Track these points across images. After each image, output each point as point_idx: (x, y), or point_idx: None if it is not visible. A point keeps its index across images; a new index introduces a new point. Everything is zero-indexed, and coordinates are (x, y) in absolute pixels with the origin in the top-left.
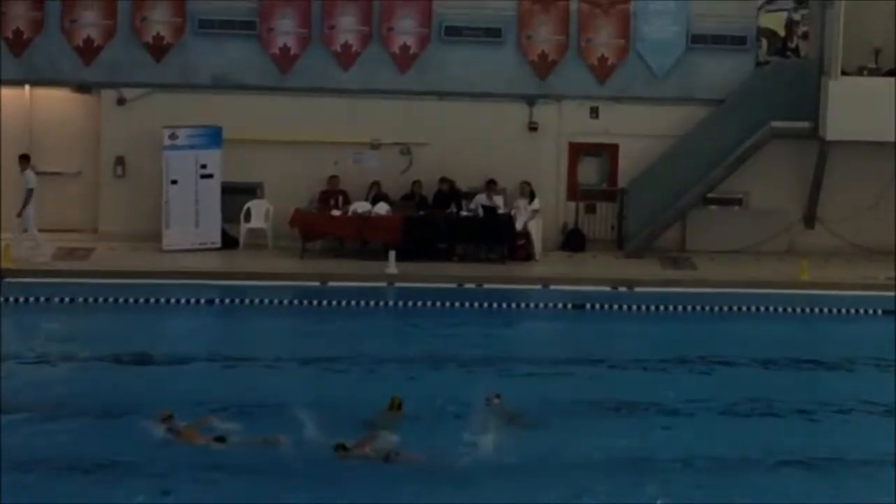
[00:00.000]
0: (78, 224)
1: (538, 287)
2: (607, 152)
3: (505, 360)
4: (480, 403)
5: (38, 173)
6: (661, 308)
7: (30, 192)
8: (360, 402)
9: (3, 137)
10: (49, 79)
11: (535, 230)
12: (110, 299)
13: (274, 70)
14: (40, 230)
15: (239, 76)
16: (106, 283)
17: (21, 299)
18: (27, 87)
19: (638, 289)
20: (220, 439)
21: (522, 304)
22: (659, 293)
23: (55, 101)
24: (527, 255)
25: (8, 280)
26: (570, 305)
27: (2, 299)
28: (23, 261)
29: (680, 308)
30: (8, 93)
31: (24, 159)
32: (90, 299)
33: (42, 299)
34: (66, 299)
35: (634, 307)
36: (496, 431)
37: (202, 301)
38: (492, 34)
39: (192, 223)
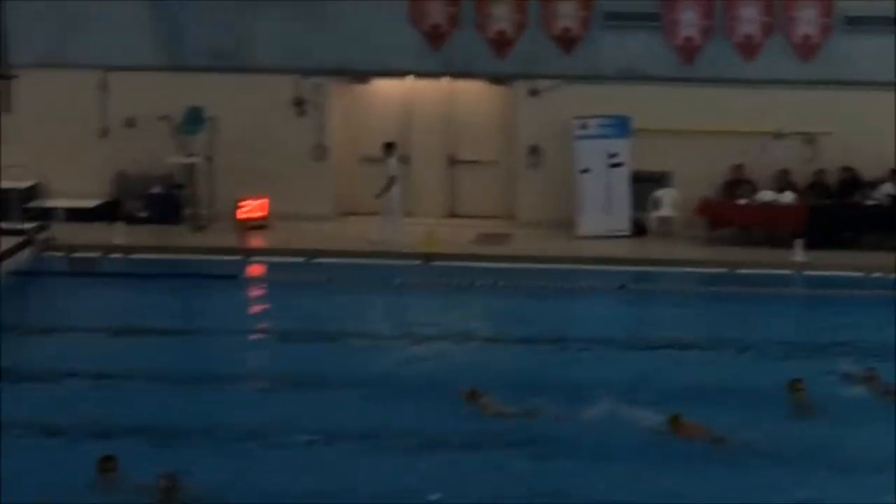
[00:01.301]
0: (496, 211)
1: None
2: None
3: None
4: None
5: (399, 161)
6: None
7: (391, 178)
8: (764, 387)
9: (424, 128)
10: (465, 71)
11: None
12: (527, 283)
13: (677, 61)
14: (455, 216)
15: (643, 67)
16: (523, 267)
17: (443, 282)
18: (446, 79)
19: None
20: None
21: None
22: None
23: (472, 93)
24: None
25: (435, 263)
26: None
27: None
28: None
29: None
30: (428, 85)
31: (389, 147)
32: (509, 283)
33: (465, 282)
34: (487, 282)
35: None
36: None
37: (613, 286)
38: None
39: (603, 211)
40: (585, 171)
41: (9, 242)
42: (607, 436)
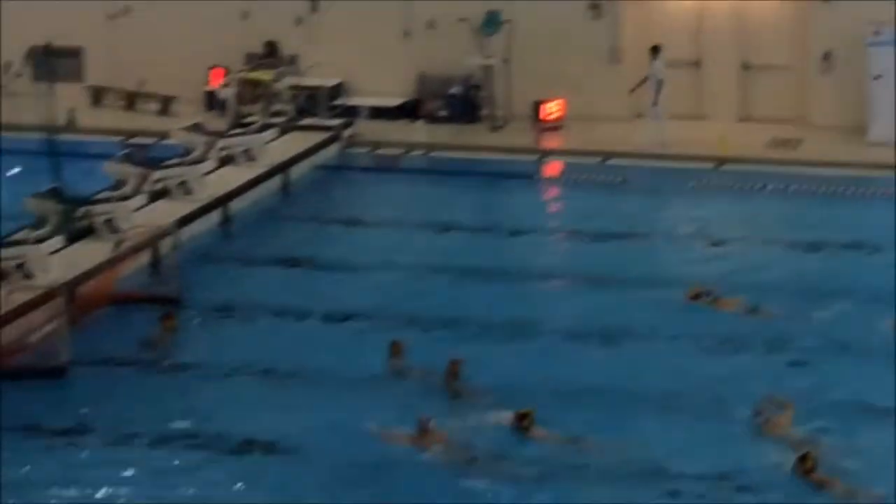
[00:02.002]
0: (788, 115)
1: None
2: None
3: None
4: None
5: (670, 64)
6: None
7: (660, 82)
8: None
9: (716, 33)
10: None
11: None
12: (818, 188)
13: None
14: (747, 120)
15: None
16: (814, 172)
17: (736, 185)
18: None
19: None
20: None
21: None
22: None
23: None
24: None
25: (727, 167)
26: None
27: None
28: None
29: None
30: None
31: (655, 50)
32: (799, 188)
33: (756, 186)
34: (779, 186)
35: None
36: None
37: None
38: None
39: (894, 117)
40: (878, 77)
41: (317, 138)
42: None
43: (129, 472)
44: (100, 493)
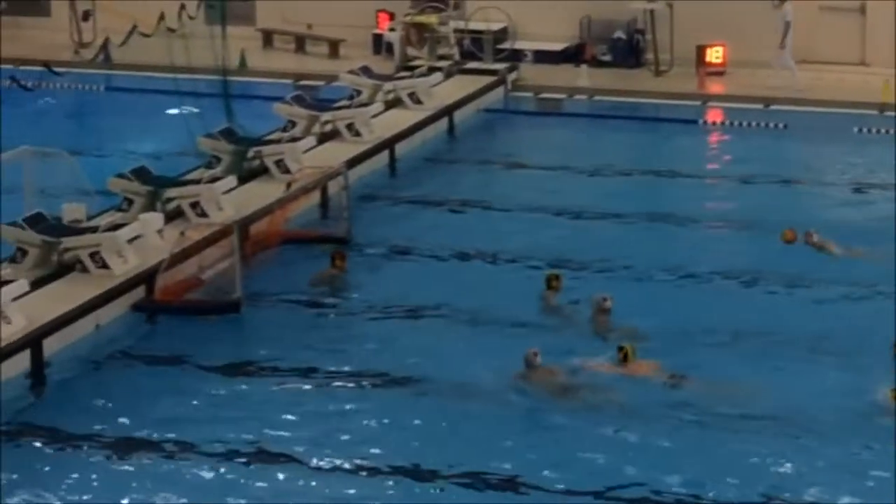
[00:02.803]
0: None
1: None
2: None
3: None
4: None
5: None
6: None
7: (787, 24)
8: None
9: None
10: None
11: None
12: None
13: None
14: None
15: None
16: None
17: None
18: None
19: None
20: None
21: None
22: None
23: None
24: None
25: (890, 113)
26: None
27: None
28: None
29: None
30: None
31: None
32: None
33: None
34: None
35: None
36: None
37: None
38: None
39: None
40: None
41: (481, 81)
42: None
43: (297, 407)
44: (266, 427)
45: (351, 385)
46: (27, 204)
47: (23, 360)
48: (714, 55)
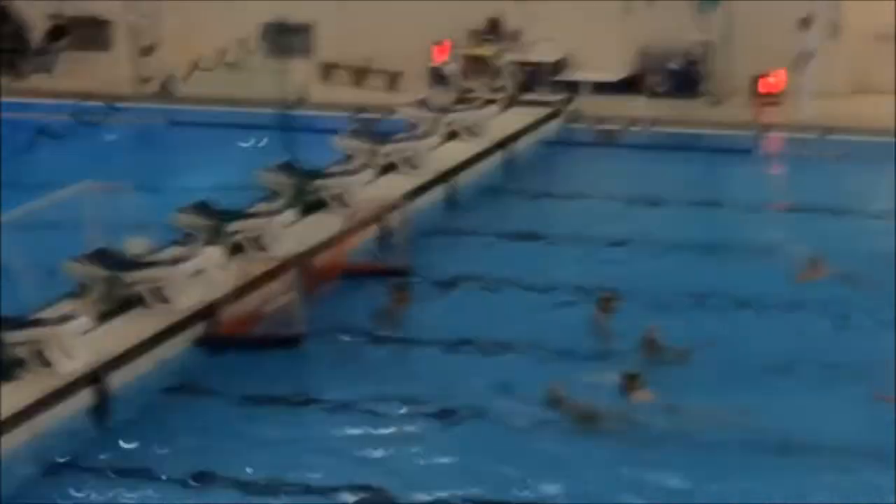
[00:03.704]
0: None
1: None
2: None
3: None
4: None
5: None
6: None
7: (810, 53)
8: None
9: None
10: None
11: None
12: None
13: None
14: None
15: None
16: None
17: None
18: None
19: None
20: None
21: None
22: None
23: None
24: None
25: None
26: None
27: None
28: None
29: None
30: None
31: (805, 22)
32: None
33: None
34: None
35: None
36: None
37: None
38: None
39: None
40: None
41: (539, 113)
42: None
43: (358, 442)
44: (327, 462)
45: (414, 417)
46: (89, 239)
47: (86, 396)
48: (772, 84)
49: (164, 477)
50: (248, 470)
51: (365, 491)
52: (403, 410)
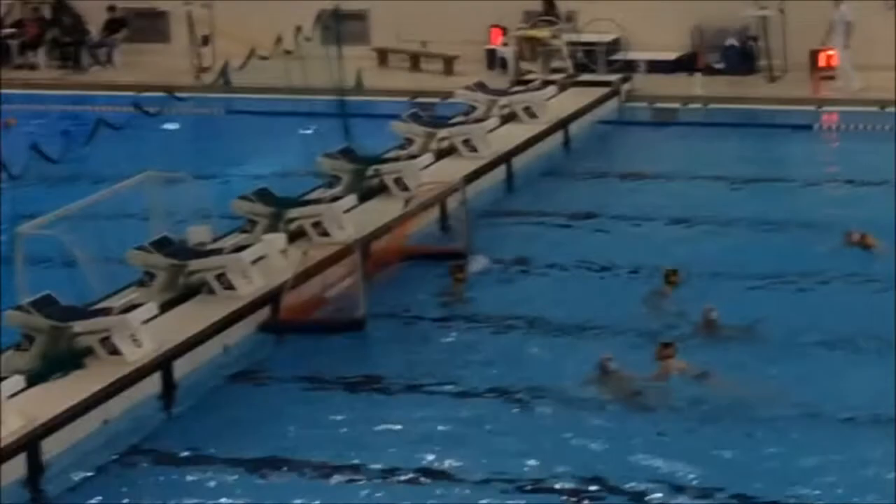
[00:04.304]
0: None
1: None
2: None
3: None
4: None
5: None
6: None
7: (848, 24)
8: None
9: None
10: None
11: None
12: None
13: None
14: None
15: None
16: None
17: None
18: None
19: None
20: None
21: None
22: None
23: None
24: None
25: None
26: None
27: None
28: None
29: None
30: None
31: None
32: None
33: None
34: None
35: None
36: None
37: None
38: None
39: None
40: None
41: (595, 93)
42: None
43: (422, 423)
44: (391, 444)
45: (476, 398)
46: (152, 228)
47: (154, 383)
48: (827, 59)
49: (229, 461)
50: (313, 453)
51: (429, 473)
52: (465, 391)
